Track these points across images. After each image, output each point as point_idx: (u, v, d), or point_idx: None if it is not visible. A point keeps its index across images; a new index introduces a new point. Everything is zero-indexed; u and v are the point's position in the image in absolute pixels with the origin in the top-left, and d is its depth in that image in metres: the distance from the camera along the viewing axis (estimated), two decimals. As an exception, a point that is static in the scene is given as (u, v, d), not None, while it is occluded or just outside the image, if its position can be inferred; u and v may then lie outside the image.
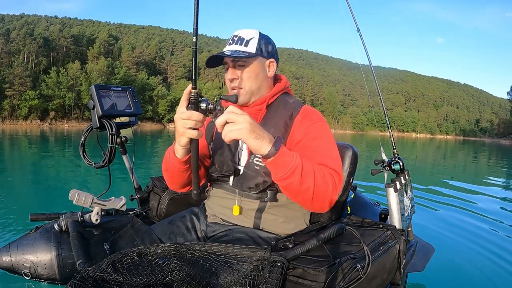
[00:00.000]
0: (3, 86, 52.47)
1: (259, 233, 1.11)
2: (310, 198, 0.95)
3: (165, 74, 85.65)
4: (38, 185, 4.86)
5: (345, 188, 1.42)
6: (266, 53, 1.16)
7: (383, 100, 1.91)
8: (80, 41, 75.86)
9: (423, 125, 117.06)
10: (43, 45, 65.29)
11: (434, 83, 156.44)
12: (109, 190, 1.61)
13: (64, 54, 70.60)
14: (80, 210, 1.47)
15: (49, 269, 1.33)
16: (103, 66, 61.54)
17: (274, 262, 0.84)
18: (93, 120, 1.59)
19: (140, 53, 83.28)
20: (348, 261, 0.93)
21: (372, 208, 1.69)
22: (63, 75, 56.32)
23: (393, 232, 1.16)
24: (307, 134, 1.08)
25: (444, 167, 11.28)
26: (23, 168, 6.50)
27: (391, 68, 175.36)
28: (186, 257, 0.86)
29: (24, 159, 8.38)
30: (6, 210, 3.14)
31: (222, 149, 1.19)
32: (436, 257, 1.72)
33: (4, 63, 58.58)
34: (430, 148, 26.06)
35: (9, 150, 10.66)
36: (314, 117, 1.14)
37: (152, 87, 69.76)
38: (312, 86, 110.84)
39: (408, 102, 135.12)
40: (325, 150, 1.06)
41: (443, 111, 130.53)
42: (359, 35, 1.91)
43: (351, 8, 1.86)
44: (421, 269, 1.47)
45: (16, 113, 53.26)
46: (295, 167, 0.91)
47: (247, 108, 1.17)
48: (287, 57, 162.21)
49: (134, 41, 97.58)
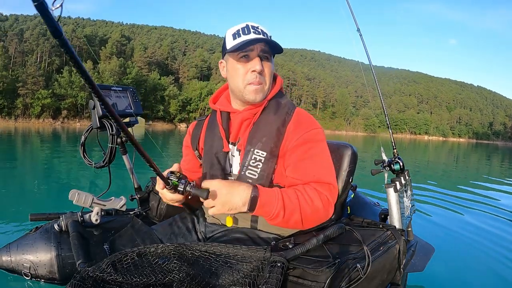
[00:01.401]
0: (16, 85, 53.89)
1: (259, 233, 1.10)
2: (300, 226, 1.01)
3: (177, 74, 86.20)
4: (40, 184, 4.86)
5: (344, 187, 1.42)
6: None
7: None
8: (93, 41, 76.94)
9: (436, 127, 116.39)
10: (56, 45, 65.54)
11: (447, 85, 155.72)
12: (109, 190, 1.61)
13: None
14: (80, 210, 1.47)
15: (49, 269, 1.33)
16: (115, 66, 62.53)
17: (274, 262, 0.84)
18: (94, 120, 1.59)
19: (152, 53, 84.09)
20: (348, 261, 0.93)
21: (372, 208, 1.69)
22: (76, 75, 56.35)
23: (393, 232, 1.16)
24: (300, 145, 1.06)
25: (455, 169, 11.23)
26: (26, 167, 6.50)
27: (403, 69, 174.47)
28: (186, 257, 0.86)
29: (30, 157, 8.37)
30: (6, 210, 3.14)
31: (211, 161, 1.16)
32: (436, 257, 1.72)
33: (18, 62, 60.02)
34: (442, 151, 25.81)
35: (18, 148, 10.67)
36: (308, 125, 1.10)
37: (164, 87, 70.56)
38: (324, 87, 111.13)
39: (420, 104, 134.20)
40: (318, 162, 1.06)
41: (456, 114, 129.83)
42: (359, 35, 1.91)
43: (351, 7, 1.86)
44: (421, 269, 1.47)
45: (29, 112, 54.59)
46: (277, 213, 0.95)
47: (241, 113, 1.13)
48: (300, 58, 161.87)
49: (147, 41, 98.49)
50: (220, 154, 1.15)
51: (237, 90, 1.09)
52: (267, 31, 1.08)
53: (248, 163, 1.07)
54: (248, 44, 1.02)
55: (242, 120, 1.12)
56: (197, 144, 1.26)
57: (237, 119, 1.14)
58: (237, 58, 1.06)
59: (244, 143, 1.10)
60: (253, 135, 1.09)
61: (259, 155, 1.06)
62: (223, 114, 1.18)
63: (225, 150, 1.14)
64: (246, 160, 1.07)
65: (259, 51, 1.05)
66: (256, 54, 1.05)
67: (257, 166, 1.06)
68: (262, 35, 1.04)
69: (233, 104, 1.17)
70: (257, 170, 1.06)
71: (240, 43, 1.02)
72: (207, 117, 1.30)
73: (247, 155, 1.08)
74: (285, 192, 0.98)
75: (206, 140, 1.22)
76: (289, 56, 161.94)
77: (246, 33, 1.04)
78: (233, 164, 1.14)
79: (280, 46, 1.05)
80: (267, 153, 1.06)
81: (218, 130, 1.17)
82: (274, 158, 1.07)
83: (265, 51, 1.05)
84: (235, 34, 1.05)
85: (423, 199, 4.66)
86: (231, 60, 1.08)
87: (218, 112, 1.19)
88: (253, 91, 1.06)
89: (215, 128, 1.19)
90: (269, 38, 1.04)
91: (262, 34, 1.04)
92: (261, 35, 1.03)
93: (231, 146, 1.15)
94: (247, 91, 1.07)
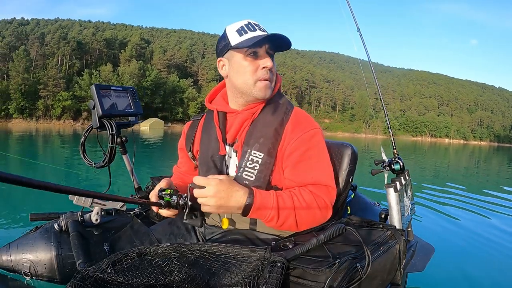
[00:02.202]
0: (37, 87, 56.80)
1: (258, 234, 1.09)
2: (295, 229, 1.02)
3: (196, 77, 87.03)
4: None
5: (344, 187, 1.42)
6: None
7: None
8: (113, 44, 78.71)
9: (457, 130, 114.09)
10: (76, 48, 69.66)
11: (468, 87, 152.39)
12: (109, 190, 1.61)
13: (97, 57, 74.14)
14: (80, 210, 1.47)
15: (49, 269, 1.33)
16: (135, 68, 64.10)
17: (274, 262, 0.84)
18: (94, 120, 1.59)
19: (171, 56, 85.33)
20: (348, 261, 0.93)
21: (372, 208, 1.69)
22: (96, 77, 59.47)
23: (393, 232, 1.15)
24: (298, 147, 1.05)
25: (475, 174, 11.17)
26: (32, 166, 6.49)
27: (423, 71, 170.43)
28: (186, 257, 0.86)
29: (42, 157, 8.39)
30: (6, 210, 3.14)
31: (207, 164, 1.14)
32: (436, 257, 1.72)
33: (39, 65, 62.85)
34: (463, 154, 25.53)
35: (32, 148, 10.69)
36: (306, 125, 1.08)
37: (183, 89, 71.93)
38: (343, 89, 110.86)
39: (441, 107, 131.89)
40: (316, 164, 1.05)
41: (477, 116, 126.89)
42: (359, 35, 1.92)
43: (351, 7, 1.86)
44: (421, 269, 1.47)
45: (50, 113, 57.57)
46: (271, 217, 0.96)
47: (240, 113, 1.11)
48: (318, 60, 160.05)
49: (166, 44, 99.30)
50: (216, 157, 1.13)
51: (246, 87, 1.05)
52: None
53: (245, 165, 1.05)
54: (263, 41, 1.01)
55: (242, 120, 1.10)
56: (192, 146, 1.24)
57: (236, 119, 1.11)
58: (245, 55, 1.03)
59: (241, 144, 1.08)
60: (250, 136, 1.07)
61: (256, 156, 1.05)
62: (220, 114, 1.15)
63: (221, 153, 1.12)
64: (243, 162, 1.05)
65: (267, 48, 1.04)
66: (265, 51, 1.04)
67: (254, 168, 1.04)
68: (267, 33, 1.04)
69: (231, 104, 1.14)
70: (254, 172, 1.04)
71: (252, 39, 1.00)
72: (202, 116, 1.27)
73: (243, 156, 1.06)
74: (280, 196, 0.98)
75: (202, 142, 1.19)
76: (308, 58, 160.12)
77: (252, 29, 1.03)
78: (230, 166, 1.12)
79: (286, 44, 1.04)
80: (264, 154, 1.05)
81: (214, 131, 1.14)
82: (272, 159, 1.05)
83: (271, 48, 1.05)
84: (240, 30, 1.03)
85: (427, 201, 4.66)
86: (238, 56, 1.05)
87: (215, 112, 1.16)
88: (263, 87, 1.05)
89: (211, 129, 1.17)
90: (282, 35, 1.01)
91: (266, 32, 1.04)
92: (266, 33, 1.03)
93: (228, 147, 1.13)
94: (257, 87, 1.05)
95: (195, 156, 1.24)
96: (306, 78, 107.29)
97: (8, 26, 79.15)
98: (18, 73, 55.45)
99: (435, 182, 7.33)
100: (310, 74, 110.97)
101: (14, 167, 6.24)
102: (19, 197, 3.91)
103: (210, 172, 1.12)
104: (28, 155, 8.32)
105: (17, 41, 66.72)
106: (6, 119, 53.72)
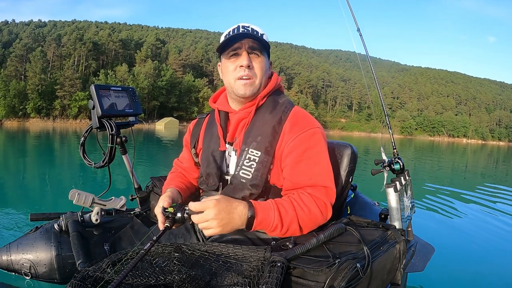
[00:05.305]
0: (54, 87, 58.28)
1: (258, 234, 1.10)
2: (298, 233, 1.01)
3: (211, 76, 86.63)
4: (41, 184, 4.87)
5: (344, 187, 1.42)
6: (269, 54, 1.15)
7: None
8: (128, 45, 79.38)
9: (475, 130, 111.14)
10: (92, 49, 70.25)
11: (486, 85, 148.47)
12: (109, 190, 1.61)
13: (112, 57, 74.90)
14: (80, 210, 1.47)
15: (49, 269, 1.33)
16: (150, 68, 64.57)
17: (274, 262, 0.84)
18: (93, 120, 1.59)
19: (186, 55, 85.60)
20: (348, 261, 0.93)
21: (372, 208, 1.68)
22: (112, 77, 60.14)
23: (393, 232, 1.15)
24: (296, 146, 1.05)
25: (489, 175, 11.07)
26: (35, 166, 6.49)
27: (441, 69, 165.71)
28: (186, 257, 0.86)
29: (49, 157, 8.39)
30: (6, 210, 3.14)
31: (208, 159, 1.16)
32: (436, 257, 1.72)
33: (56, 66, 64.30)
34: (481, 155, 24.93)
35: (43, 147, 10.70)
36: (305, 124, 1.08)
37: (198, 89, 72.15)
38: (360, 88, 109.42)
39: (459, 106, 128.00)
40: (314, 164, 1.05)
41: (495, 116, 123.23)
42: (359, 35, 1.92)
43: (351, 7, 1.86)
44: (421, 269, 1.47)
45: (67, 113, 59.02)
46: (275, 227, 0.96)
47: (237, 113, 1.14)
48: (335, 59, 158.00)
49: (181, 44, 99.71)
50: (216, 152, 1.15)
51: (229, 86, 1.12)
52: (259, 29, 1.10)
53: (242, 163, 1.06)
54: (232, 40, 1.05)
55: (239, 120, 1.13)
56: (196, 143, 1.27)
57: (233, 119, 1.15)
58: (227, 56, 1.09)
59: (240, 142, 1.10)
60: (248, 135, 1.09)
61: (253, 155, 1.06)
62: (221, 113, 1.20)
63: (221, 149, 1.15)
64: (241, 160, 1.07)
65: (247, 48, 1.07)
66: (244, 51, 1.07)
67: (251, 166, 1.05)
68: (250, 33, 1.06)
69: (230, 104, 1.19)
70: (251, 170, 1.05)
71: (225, 40, 1.06)
72: (207, 115, 1.32)
73: (241, 154, 1.08)
74: (280, 204, 0.98)
75: (204, 139, 1.23)
76: (324, 57, 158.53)
77: (235, 32, 1.07)
78: (230, 164, 1.15)
79: (265, 42, 1.08)
80: (261, 153, 1.05)
81: (216, 129, 1.18)
82: (269, 157, 1.06)
83: (253, 47, 1.07)
84: (226, 35, 1.09)
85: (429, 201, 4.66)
86: (223, 59, 1.12)
87: (216, 111, 1.21)
88: (242, 85, 1.08)
89: (213, 127, 1.21)
90: (253, 34, 1.05)
91: (250, 32, 1.07)
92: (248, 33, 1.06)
93: (228, 146, 1.15)
94: (236, 85, 1.09)
95: (198, 153, 1.27)
96: (322, 77, 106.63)
97: (25, 28, 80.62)
98: (35, 73, 56.70)
99: (438, 182, 7.34)
100: (326, 73, 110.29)
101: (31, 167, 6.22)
102: (19, 197, 3.91)
103: (210, 166, 1.15)
104: (45, 153, 8.30)
105: (34, 42, 67.87)
106: (24, 118, 55.48)
